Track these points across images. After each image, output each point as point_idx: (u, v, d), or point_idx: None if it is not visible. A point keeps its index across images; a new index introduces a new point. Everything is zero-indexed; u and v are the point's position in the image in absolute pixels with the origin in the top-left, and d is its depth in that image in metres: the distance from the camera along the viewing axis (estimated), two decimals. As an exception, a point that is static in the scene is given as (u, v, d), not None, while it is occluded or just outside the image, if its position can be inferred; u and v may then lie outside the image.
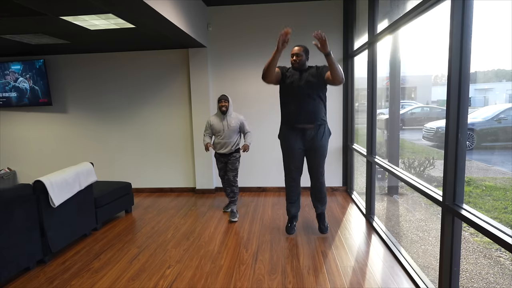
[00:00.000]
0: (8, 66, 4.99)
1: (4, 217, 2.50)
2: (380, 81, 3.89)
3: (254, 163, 4.93)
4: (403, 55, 3.81)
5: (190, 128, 4.99)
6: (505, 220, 3.30)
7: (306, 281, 2.47)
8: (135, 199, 4.79)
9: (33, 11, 2.92)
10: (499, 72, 3.60)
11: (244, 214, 3.99)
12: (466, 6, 1.76)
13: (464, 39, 1.78)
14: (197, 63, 4.72)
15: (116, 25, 3.51)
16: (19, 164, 5.40)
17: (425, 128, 5.48)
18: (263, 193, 4.89)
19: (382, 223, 3.42)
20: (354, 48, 4.34)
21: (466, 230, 3.32)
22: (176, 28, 3.43)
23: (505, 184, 3.90)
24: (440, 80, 5.25)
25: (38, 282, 2.58)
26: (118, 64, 4.99)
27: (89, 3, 2.70)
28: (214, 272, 2.64)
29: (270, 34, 4.64)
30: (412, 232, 3.71)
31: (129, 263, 2.85)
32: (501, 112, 3.87)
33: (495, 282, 2.62)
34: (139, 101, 5.04)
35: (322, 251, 2.95)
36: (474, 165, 4.26)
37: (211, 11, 4.66)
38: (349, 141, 4.72)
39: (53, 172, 3.06)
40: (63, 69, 5.07)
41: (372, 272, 2.57)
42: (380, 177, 4.73)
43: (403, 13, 2.52)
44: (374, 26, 3.34)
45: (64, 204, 3.05)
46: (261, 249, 3.04)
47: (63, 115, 5.20)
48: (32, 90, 5.02)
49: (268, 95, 4.78)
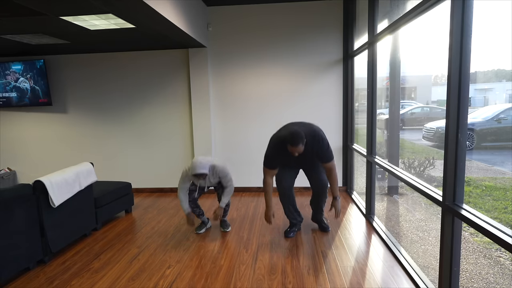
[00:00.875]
0: (8, 66, 4.99)
1: (4, 217, 2.50)
2: (380, 81, 3.89)
3: (254, 163, 4.93)
4: (403, 55, 3.81)
5: (190, 128, 4.99)
6: (505, 220, 3.30)
7: (306, 281, 2.47)
8: (135, 199, 4.79)
9: (33, 11, 2.92)
10: (499, 72, 3.60)
11: (244, 214, 3.99)
12: (466, 6, 1.76)
13: (464, 39, 1.78)
14: (197, 63, 4.72)
15: (116, 25, 3.51)
16: (19, 164, 5.39)
17: (425, 128, 5.48)
18: (263, 193, 4.88)
19: (382, 223, 3.42)
20: (354, 48, 4.34)
21: (466, 230, 3.32)
22: (176, 28, 3.43)
23: (505, 184, 3.91)
24: (440, 80, 5.26)
25: (38, 282, 2.58)
26: (118, 64, 4.99)
27: (89, 3, 2.70)
28: (214, 272, 2.64)
29: (270, 34, 4.65)
30: (412, 232, 3.71)
31: (129, 263, 2.85)
32: (501, 112, 3.87)
33: (495, 282, 2.62)
34: (139, 101, 5.04)
35: (322, 251, 2.95)
36: (474, 165, 4.26)
37: (211, 11, 4.66)
38: (349, 141, 4.72)
39: (53, 172, 3.06)
40: (63, 69, 5.07)
41: (372, 272, 2.57)
42: (380, 177, 4.73)
43: (403, 13, 2.52)
44: (374, 26, 3.34)
45: (64, 204, 3.05)
46: (261, 249, 3.04)
47: (63, 115, 5.20)
48: (32, 90, 5.02)
49: (268, 95, 4.78)
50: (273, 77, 4.75)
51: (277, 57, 4.70)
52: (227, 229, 3.49)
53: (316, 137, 2.88)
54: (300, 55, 4.67)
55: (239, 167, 4.96)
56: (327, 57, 4.65)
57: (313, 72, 4.69)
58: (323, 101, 4.74)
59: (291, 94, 4.76)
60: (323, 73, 4.69)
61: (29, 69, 4.96)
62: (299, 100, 4.75)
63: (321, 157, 2.94)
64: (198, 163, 3.04)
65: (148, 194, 5.06)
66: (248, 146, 4.92)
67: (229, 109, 4.88)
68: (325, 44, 4.62)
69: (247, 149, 4.93)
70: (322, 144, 2.89)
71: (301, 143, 2.69)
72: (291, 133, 2.70)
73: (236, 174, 4.97)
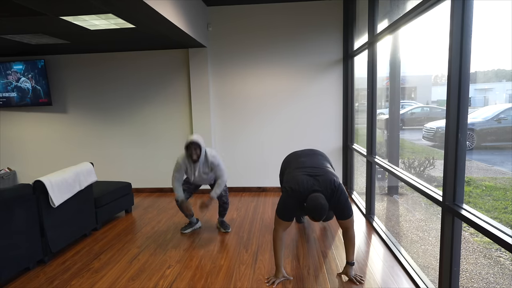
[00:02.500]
0: (10, 66, 4.99)
1: (4, 217, 2.50)
2: (380, 81, 3.89)
3: (254, 163, 4.93)
4: (403, 55, 3.81)
5: (190, 128, 4.99)
6: (505, 220, 3.30)
7: (306, 281, 2.47)
8: (135, 199, 4.79)
9: (33, 11, 2.92)
10: (499, 72, 3.60)
11: (244, 214, 3.99)
12: (466, 6, 1.76)
13: (464, 39, 1.78)
14: (197, 63, 4.72)
15: (116, 25, 3.51)
16: (19, 164, 5.39)
17: (425, 128, 5.49)
18: (263, 193, 4.89)
19: (382, 223, 3.42)
20: (354, 48, 4.34)
21: (466, 230, 3.32)
22: (176, 28, 3.43)
23: (505, 184, 3.91)
24: (440, 80, 5.26)
25: (38, 282, 2.58)
26: (118, 64, 4.99)
27: (89, 3, 2.70)
28: (214, 272, 2.64)
29: (270, 34, 4.65)
30: (412, 232, 3.71)
31: (129, 263, 2.85)
32: (501, 112, 3.87)
33: (495, 282, 2.63)
34: (139, 101, 5.04)
35: (322, 251, 2.95)
36: (474, 165, 4.26)
37: (211, 11, 4.66)
38: (349, 141, 4.72)
39: (53, 172, 3.06)
40: (63, 69, 5.07)
41: (372, 272, 2.57)
42: (380, 177, 4.73)
43: (403, 13, 2.52)
44: (374, 26, 3.34)
45: (64, 204, 3.05)
46: (261, 249, 3.04)
47: (63, 115, 5.20)
48: (34, 90, 5.02)
49: (268, 95, 4.78)
50: (273, 77, 4.75)
51: (277, 57, 4.70)
52: (228, 230, 3.48)
53: (336, 192, 2.34)
54: (300, 55, 4.67)
55: (239, 167, 4.96)
56: (327, 57, 4.65)
57: (313, 72, 4.69)
58: (323, 101, 4.74)
59: (291, 94, 4.76)
60: (323, 73, 4.69)
61: (30, 69, 4.96)
62: (299, 100, 4.75)
63: (338, 213, 2.39)
64: (193, 135, 3.12)
65: (148, 194, 5.06)
66: (248, 146, 4.92)
67: (229, 109, 4.88)
68: (325, 44, 4.62)
69: (247, 149, 4.93)
70: (341, 198, 2.34)
71: (324, 215, 2.23)
72: (315, 207, 2.19)
73: (236, 174, 4.97)
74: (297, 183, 2.34)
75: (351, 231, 2.42)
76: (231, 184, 4.97)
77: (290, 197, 2.34)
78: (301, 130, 4.80)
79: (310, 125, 4.79)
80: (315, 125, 4.79)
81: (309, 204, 2.21)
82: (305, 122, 4.79)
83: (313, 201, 2.20)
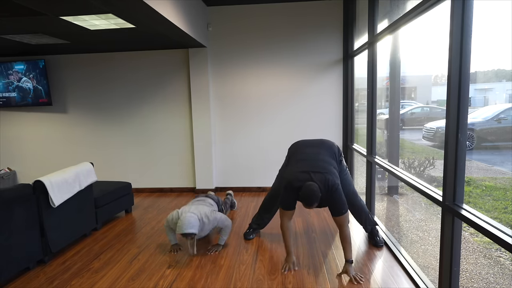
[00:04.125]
0: (11, 66, 4.99)
1: (4, 217, 2.50)
2: (380, 81, 3.89)
3: (254, 163, 4.93)
4: (403, 55, 3.81)
5: (190, 128, 4.99)
6: (505, 220, 3.31)
7: (306, 281, 2.47)
8: (135, 199, 4.79)
9: (33, 11, 2.92)
10: (499, 72, 3.60)
11: (244, 214, 3.99)
12: (466, 6, 1.76)
13: (464, 39, 1.78)
14: (197, 63, 4.72)
15: (116, 25, 3.51)
16: (19, 164, 5.39)
17: (425, 128, 5.49)
18: (263, 193, 4.89)
19: (382, 223, 3.41)
20: (354, 48, 4.34)
21: (466, 230, 3.32)
22: (176, 28, 3.43)
23: (505, 184, 3.91)
24: (440, 80, 5.26)
25: (38, 282, 2.58)
26: (118, 64, 4.99)
27: (89, 3, 2.70)
28: (214, 272, 2.64)
29: (270, 34, 4.65)
30: (412, 232, 3.71)
31: (129, 263, 2.85)
32: (501, 112, 3.87)
33: (495, 282, 2.63)
34: (139, 101, 5.04)
35: (322, 251, 2.95)
36: (474, 165, 4.26)
37: (211, 11, 4.66)
38: (349, 141, 4.72)
39: (53, 172, 3.06)
40: (63, 69, 5.07)
41: (372, 272, 2.57)
42: (380, 177, 4.73)
43: (403, 13, 2.52)
44: (374, 26, 3.34)
45: (64, 204, 3.05)
46: (261, 249, 3.04)
47: (63, 115, 5.20)
48: (35, 90, 5.02)
49: (268, 95, 4.78)
50: (273, 77, 4.75)
51: (277, 57, 4.70)
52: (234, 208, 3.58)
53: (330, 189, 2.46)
54: (300, 55, 4.67)
55: (239, 167, 4.96)
56: (327, 57, 4.65)
57: (313, 72, 4.69)
58: (323, 101, 4.74)
59: (291, 94, 4.76)
60: (323, 73, 4.69)
61: (32, 69, 4.96)
62: (299, 100, 4.76)
63: (332, 209, 2.51)
64: (186, 220, 2.62)
65: (148, 194, 5.06)
66: (248, 146, 4.92)
67: (229, 109, 4.88)
68: (325, 44, 4.62)
69: (247, 149, 4.93)
70: (334, 194, 2.47)
71: (316, 202, 2.41)
72: (306, 194, 2.39)
73: (236, 174, 4.98)
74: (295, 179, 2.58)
75: (345, 228, 2.51)
76: (231, 184, 4.98)
77: (287, 190, 2.58)
78: (301, 130, 4.80)
79: (310, 125, 4.79)
80: (315, 125, 4.79)
81: (302, 191, 2.44)
82: (305, 122, 4.80)
83: (306, 188, 2.42)
